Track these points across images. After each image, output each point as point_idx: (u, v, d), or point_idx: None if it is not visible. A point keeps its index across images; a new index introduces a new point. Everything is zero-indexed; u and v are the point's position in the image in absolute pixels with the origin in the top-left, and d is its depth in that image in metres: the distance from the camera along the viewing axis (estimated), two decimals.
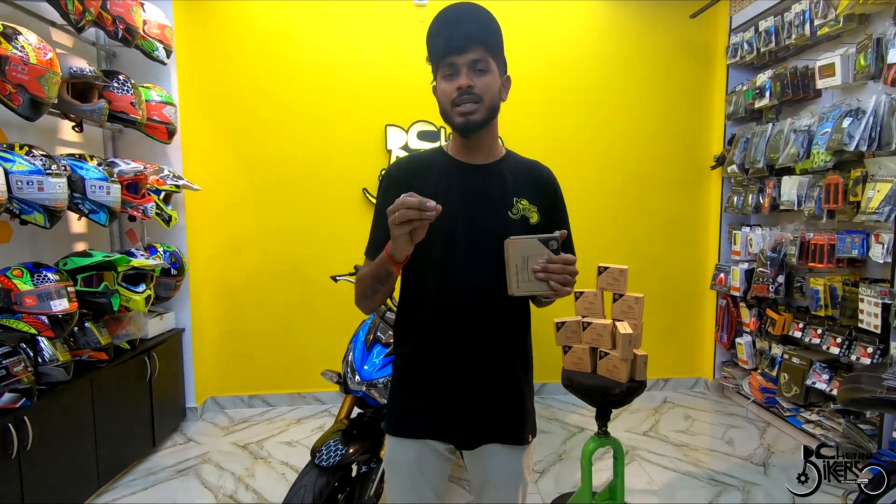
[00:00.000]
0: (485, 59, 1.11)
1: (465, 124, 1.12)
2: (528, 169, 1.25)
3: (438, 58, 1.13)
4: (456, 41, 1.10)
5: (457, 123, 1.13)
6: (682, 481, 2.59)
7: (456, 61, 1.10)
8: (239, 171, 3.42)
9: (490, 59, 1.12)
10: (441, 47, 1.12)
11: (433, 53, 1.15)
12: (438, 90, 1.15)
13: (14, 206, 1.94)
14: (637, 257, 3.64)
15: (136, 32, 2.62)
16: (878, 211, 2.30)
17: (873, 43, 2.39)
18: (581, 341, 2.07)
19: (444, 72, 1.12)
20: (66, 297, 2.08)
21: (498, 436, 1.21)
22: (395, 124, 3.45)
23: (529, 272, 1.02)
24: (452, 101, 1.11)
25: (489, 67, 1.12)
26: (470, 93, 1.10)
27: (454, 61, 1.10)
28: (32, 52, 1.91)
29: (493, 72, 1.13)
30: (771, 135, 3.04)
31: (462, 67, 1.10)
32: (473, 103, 1.11)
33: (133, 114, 2.60)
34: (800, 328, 2.91)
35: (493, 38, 1.14)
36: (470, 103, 1.11)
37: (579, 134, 3.61)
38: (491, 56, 1.13)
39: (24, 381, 1.93)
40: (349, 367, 2.04)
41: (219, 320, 3.46)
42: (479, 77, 1.11)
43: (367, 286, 1.14)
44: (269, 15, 3.36)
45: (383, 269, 1.07)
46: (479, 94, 1.11)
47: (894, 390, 1.47)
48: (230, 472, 2.70)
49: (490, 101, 1.13)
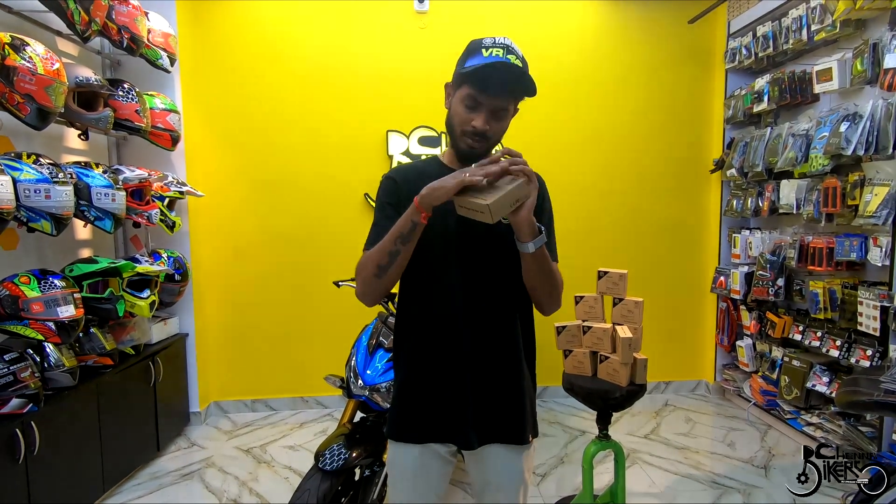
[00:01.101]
0: (508, 109, 1.15)
1: (469, 152, 1.17)
2: None
3: (469, 85, 1.12)
4: (497, 90, 1.11)
5: (461, 149, 1.18)
6: (683, 484, 2.60)
7: (484, 102, 1.12)
8: (241, 176, 3.45)
9: (511, 108, 1.17)
10: (477, 82, 1.11)
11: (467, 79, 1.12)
12: (454, 107, 1.17)
13: (22, 214, 1.97)
14: (638, 261, 3.65)
15: (140, 41, 2.65)
16: (876, 214, 2.32)
17: (869, 48, 2.41)
18: (581, 345, 2.08)
19: (467, 98, 1.13)
20: (73, 304, 2.10)
21: (499, 435, 1.23)
22: (396, 130, 3.48)
23: (496, 196, 1.00)
24: (464, 131, 1.15)
25: (509, 113, 1.16)
26: (484, 135, 1.14)
27: (482, 101, 1.12)
28: (40, 63, 1.94)
29: (507, 119, 1.17)
30: (769, 139, 3.06)
31: (484, 109, 1.12)
32: (483, 141, 1.15)
33: (138, 121, 2.63)
34: (800, 331, 2.92)
35: (525, 92, 1.15)
36: (479, 142, 1.15)
37: (579, 138, 3.64)
38: (513, 104, 1.17)
39: (31, 387, 1.96)
40: (352, 372, 2.06)
41: (222, 325, 3.49)
42: (498, 122, 1.15)
43: (384, 253, 1.11)
44: (270, 23, 3.39)
45: (408, 222, 1.07)
46: (491, 135, 1.15)
47: (891, 393, 1.48)
48: (234, 476, 2.71)
49: (495, 141, 1.18)
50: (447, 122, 1.20)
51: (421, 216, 1.06)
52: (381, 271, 1.12)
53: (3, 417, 1.90)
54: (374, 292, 1.18)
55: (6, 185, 1.84)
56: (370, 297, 1.19)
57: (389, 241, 1.11)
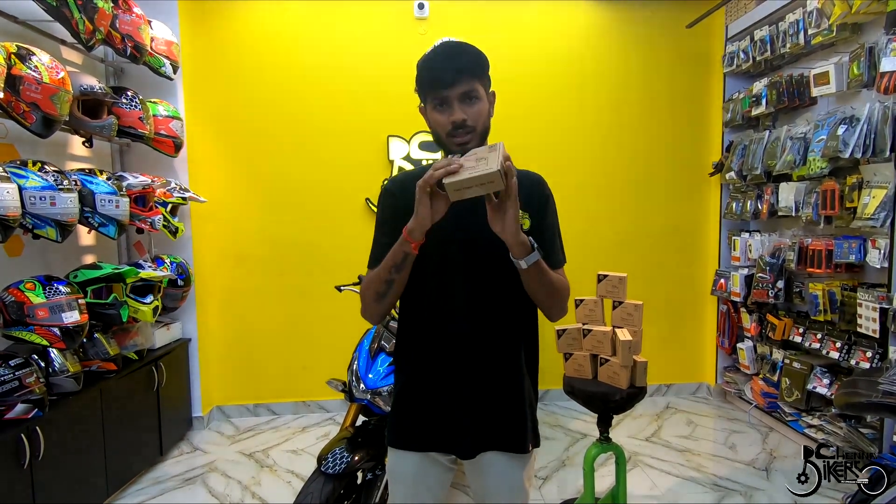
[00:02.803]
0: (474, 88, 1.15)
1: (462, 151, 1.15)
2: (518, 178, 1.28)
3: (428, 90, 1.16)
4: (446, 75, 1.12)
5: (453, 151, 1.17)
6: (684, 486, 2.61)
7: (448, 95, 1.13)
8: (243, 182, 3.47)
9: (478, 86, 1.16)
10: (430, 81, 1.14)
11: (423, 86, 1.17)
12: (431, 119, 1.18)
13: (27, 221, 1.99)
14: (638, 264, 3.66)
15: (144, 50, 2.68)
16: (874, 217, 2.33)
17: (866, 52, 2.43)
18: (582, 348, 2.09)
19: (434, 103, 1.15)
20: (78, 309, 2.12)
21: (497, 443, 1.22)
22: (397, 135, 3.50)
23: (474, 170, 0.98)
24: (447, 133, 1.15)
25: (479, 94, 1.15)
26: (464, 126, 1.14)
27: (445, 95, 1.13)
28: (45, 72, 1.97)
29: (482, 98, 1.16)
30: (768, 142, 3.08)
31: (454, 101, 1.13)
32: (467, 134, 1.15)
33: (141, 129, 2.66)
34: (800, 333, 2.93)
35: (480, 66, 1.17)
36: (464, 135, 1.15)
37: (578, 142, 3.66)
38: (479, 82, 1.16)
39: (35, 392, 1.98)
40: (354, 376, 2.07)
41: (224, 330, 3.51)
42: (471, 107, 1.14)
43: (381, 281, 1.15)
44: (272, 30, 3.43)
45: (400, 252, 1.10)
46: (472, 124, 1.15)
47: (889, 394, 1.49)
48: (237, 480, 2.72)
49: (482, 126, 1.17)
50: (434, 138, 1.20)
51: (412, 247, 1.08)
52: (380, 297, 1.18)
53: (9, 422, 1.92)
54: (375, 314, 1.24)
55: (12, 192, 1.87)
56: (373, 318, 1.26)
57: (385, 270, 1.14)
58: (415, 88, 1.20)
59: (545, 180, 1.29)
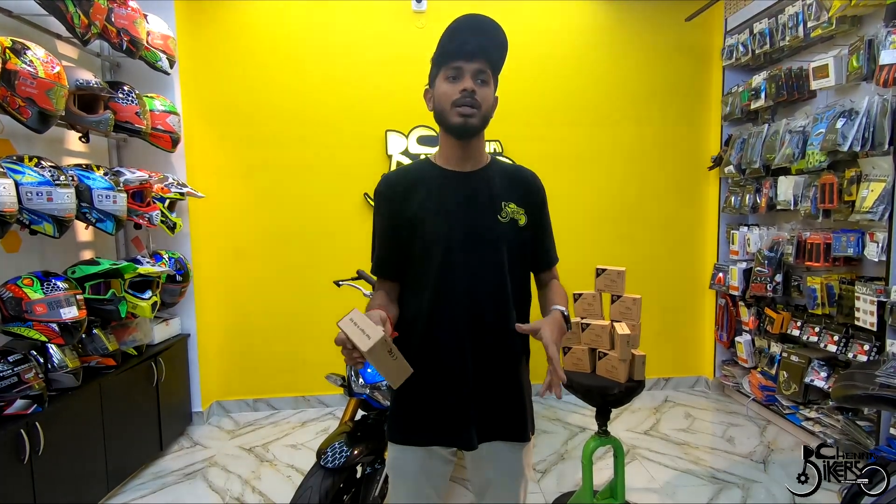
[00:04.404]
0: (487, 73, 1.17)
1: (463, 124, 1.16)
2: (512, 174, 1.30)
3: (447, 59, 1.17)
4: (468, 48, 1.15)
5: (454, 123, 1.16)
6: (682, 479, 2.62)
7: (463, 66, 1.15)
8: (241, 177, 3.46)
9: (490, 74, 1.18)
10: (452, 50, 1.16)
11: (442, 54, 1.18)
12: (437, 91, 1.19)
13: (24, 217, 1.98)
14: (636, 258, 3.67)
15: (140, 44, 2.66)
16: (873, 210, 2.33)
17: (865, 45, 2.42)
18: (580, 342, 2.10)
19: (448, 73, 1.16)
20: (76, 305, 2.12)
21: (500, 433, 1.24)
22: (395, 129, 3.49)
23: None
24: (453, 102, 1.15)
25: (489, 80, 1.18)
26: (472, 97, 1.15)
27: (461, 66, 1.15)
28: (41, 66, 1.95)
29: (491, 86, 1.19)
30: (767, 135, 3.08)
31: (467, 74, 1.15)
32: (472, 108, 1.15)
33: (138, 123, 2.65)
34: (798, 326, 2.94)
35: (500, 56, 1.20)
36: (470, 107, 1.15)
37: (576, 136, 3.65)
38: (492, 71, 1.19)
39: (35, 388, 1.98)
40: (353, 371, 2.07)
41: (223, 325, 3.51)
42: (481, 87, 1.16)
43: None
44: (269, 24, 3.40)
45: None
46: (480, 101, 1.16)
47: (886, 387, 1.50)
48: (237, 475, 2.73)
49: (486, 110, 1.18)
50: (436, 114, 1.21)
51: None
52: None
53: (8, 418, 1.92)
54: None
55: (9, 188, 1.86)
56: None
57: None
58: (432, 57, 1.21)
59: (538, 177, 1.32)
